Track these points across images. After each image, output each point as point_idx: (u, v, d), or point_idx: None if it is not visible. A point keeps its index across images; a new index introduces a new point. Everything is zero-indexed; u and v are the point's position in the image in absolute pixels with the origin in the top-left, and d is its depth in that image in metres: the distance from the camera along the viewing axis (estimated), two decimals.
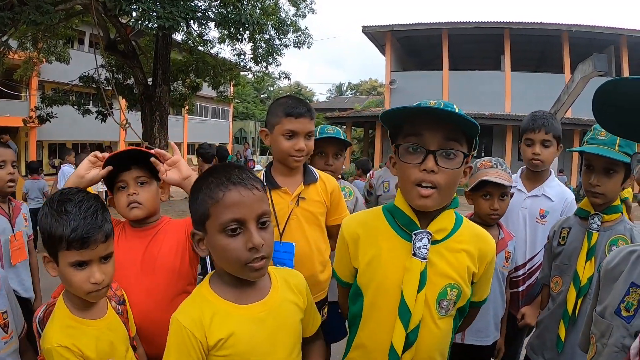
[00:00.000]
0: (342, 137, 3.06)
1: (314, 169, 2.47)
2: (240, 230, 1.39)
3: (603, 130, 2.07)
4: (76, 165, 6.91)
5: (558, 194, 2.91)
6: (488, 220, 2.56)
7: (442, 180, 1.49)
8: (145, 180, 2.05)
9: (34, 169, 8.91)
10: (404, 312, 1.53)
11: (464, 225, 1.66)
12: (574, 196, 2.96)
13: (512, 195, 2.63)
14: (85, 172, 1.98)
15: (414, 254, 1.53)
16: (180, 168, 2.07)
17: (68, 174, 7.48)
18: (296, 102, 2.31)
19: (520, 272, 2.80)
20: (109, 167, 1.98)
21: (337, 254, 1.80)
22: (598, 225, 2.22)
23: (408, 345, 1.54)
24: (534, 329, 2.56)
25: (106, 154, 2.00)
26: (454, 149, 1.50)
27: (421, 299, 1.53)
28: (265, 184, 1.54)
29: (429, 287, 1.55)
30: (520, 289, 2.76)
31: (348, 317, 1.79)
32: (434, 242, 1.57)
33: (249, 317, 1.45)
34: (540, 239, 2.79)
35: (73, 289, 1.58)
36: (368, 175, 4.86)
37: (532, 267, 2.86)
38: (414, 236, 1.55)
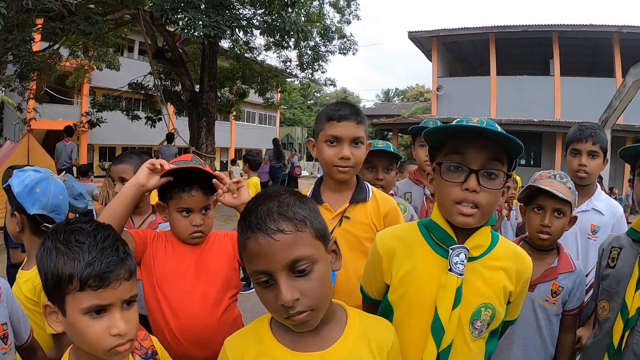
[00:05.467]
0: (393, 150, 2.87)
1: (370, 187, 2.22)
2: (272, 282, 1.20)
3: None
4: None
5: (607, 207, 2.78)
6: (538, 241, 2.26)
7: (484, 199, 1.45)
8: (209, 206, 2.09)
9: (84, 172, 9.24)
10: (437, 330, 1.48)
11: (500, 243, 1.60)
12: (622, 209, 2.82)
13: (574, 219, 2.32)
14: (146, 180, 1.90)
15: (450, 270, 1.48)
16: (241, 193, 2.01)
17: None
18: (340, 105, 2.07)
19: None
20: (169, 178, 1.96)
21: (367, 269, 1.72)
22: None
23: None
24: (580, 354, 2.38)
25: (164, 163, 1.95)
26: (496, 169, 1.45)
27: (455, 317, 1.47)
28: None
29: (463, 305, 1.49)
30: None
31: None
32: (470, 259, 1.51)
33: None
34: (592, 255, 2.63)
35: (88, 345, 1.24)
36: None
37: (586, 286, 2.71)
38: (450, 251, 1.50)
